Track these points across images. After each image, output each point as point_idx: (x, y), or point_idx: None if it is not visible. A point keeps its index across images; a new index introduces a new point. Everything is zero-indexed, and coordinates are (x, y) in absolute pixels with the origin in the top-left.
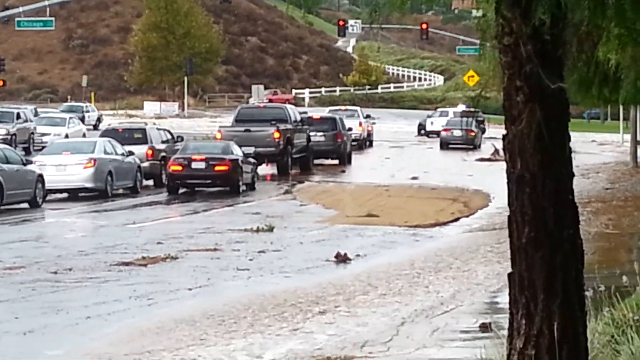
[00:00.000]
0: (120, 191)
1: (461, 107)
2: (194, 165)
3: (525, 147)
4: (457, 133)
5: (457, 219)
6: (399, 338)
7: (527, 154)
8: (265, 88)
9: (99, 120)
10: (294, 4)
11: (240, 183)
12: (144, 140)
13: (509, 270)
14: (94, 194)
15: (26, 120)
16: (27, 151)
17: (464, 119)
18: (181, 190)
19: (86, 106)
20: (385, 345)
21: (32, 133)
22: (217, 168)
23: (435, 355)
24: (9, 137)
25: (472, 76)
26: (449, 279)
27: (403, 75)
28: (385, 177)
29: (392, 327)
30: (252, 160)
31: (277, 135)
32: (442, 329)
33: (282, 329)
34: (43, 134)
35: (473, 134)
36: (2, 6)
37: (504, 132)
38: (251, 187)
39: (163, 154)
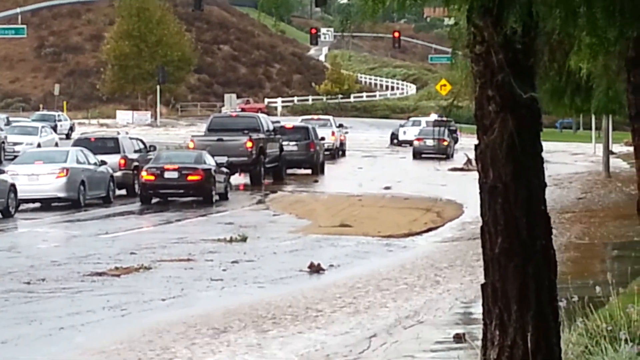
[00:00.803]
0: (93, 201)
1: (433, 117)
2: (167, 174)
3: (498, 157)
4: (430, 142)
5: (430, 229)
6: (372, 349)
7: (499, 164)
8: (238, 97)
9: (71, 129)
10: (266, 12)
11: (213, 193)
12: (116, 149)
13: (483, 280)
14: (67, 204)
15: None
16: None
17: (437, 129)
18: (154, 200)
19: (58, 115)
20: (358, 357)
21: (3, 142)
22: (189, 178)
23: None
24: None
25: (445, 85)
26: (423, 289)
27: (375, 84)
28: (358, 187)
29: (365, 338)
30: (224, 169)
31: (249, 144)
32: (416, 340)
33: (255, 340)
34: (15, 143)
35: (446, 143)
36: None
37: (477, 141)
38: (224, 196)
39: (136, 163)
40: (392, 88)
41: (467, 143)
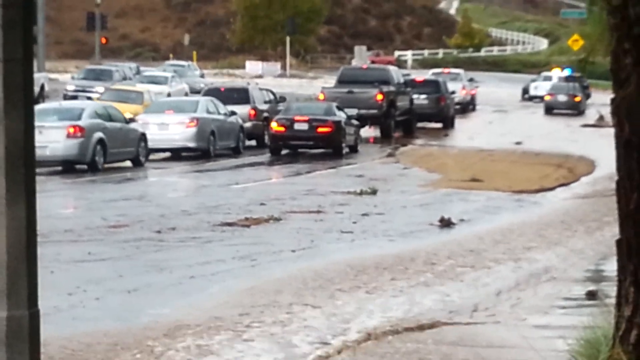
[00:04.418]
0: (223, 151)
1: (557, 72)
2: (297, 126)
3: (634, 111)
4: (562, 98)
5: (561, 185)
6: (503, 304)
7: (635, 118)
8: (368, 49)
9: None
10: None
11: (343, 145)
12: (246, 100)
13: (616, 237)
14: (197, 154)
15: (124, 78)
16: None
17: (569, 84)
18: (283, 152)
19: (188, 65)
20: (489, 312)
21: None
22: (319, 129)
23: (540, 322)
24: None
25: (577, 40)
26: (554, 245)
27: (506, 39)
28: (488, 142)
29: (496, 293)
30: (354, 122)
31: (380, 97)
32: (547, 296)
33: (386, 292)
34: None
35: (578, 99)
36: None
37: (612, 95)
38: (354, 149)
39: (265, 114)
40: (523, 42)
41: (599, 99)
